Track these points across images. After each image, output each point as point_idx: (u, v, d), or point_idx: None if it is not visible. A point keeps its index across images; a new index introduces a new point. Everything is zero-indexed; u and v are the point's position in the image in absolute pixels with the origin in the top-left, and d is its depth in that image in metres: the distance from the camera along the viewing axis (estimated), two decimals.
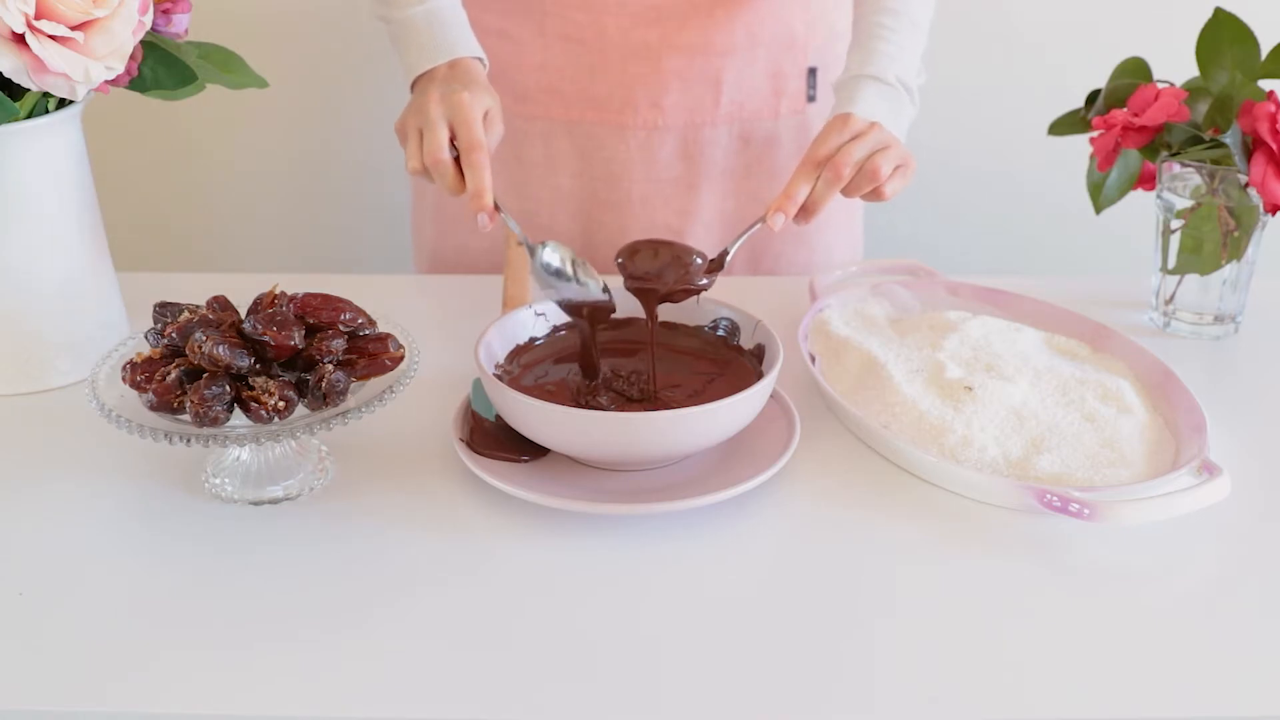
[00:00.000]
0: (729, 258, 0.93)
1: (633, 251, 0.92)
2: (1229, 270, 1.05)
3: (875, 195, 0.97)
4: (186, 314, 0.82)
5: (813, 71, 1.22)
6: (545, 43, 1.18)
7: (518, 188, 1.24)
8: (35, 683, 0.68)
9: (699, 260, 0.91)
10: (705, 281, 0.91)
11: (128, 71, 0.90)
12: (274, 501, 0.83)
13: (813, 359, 0.98)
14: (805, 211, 0.95)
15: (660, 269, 0.91)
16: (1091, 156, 1.08)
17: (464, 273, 1.28)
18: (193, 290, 0.95)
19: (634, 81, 1.18)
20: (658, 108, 1.19)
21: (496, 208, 0.90)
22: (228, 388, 0.78)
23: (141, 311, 0.96)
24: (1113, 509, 0.77)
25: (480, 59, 1.03)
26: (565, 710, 0.67)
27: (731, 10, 1.17)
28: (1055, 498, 0.79)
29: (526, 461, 0.85)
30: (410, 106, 0.98)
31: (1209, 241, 1.04)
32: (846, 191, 0.96)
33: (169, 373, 0.79)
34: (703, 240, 1.24)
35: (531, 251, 0.89)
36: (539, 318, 0.94)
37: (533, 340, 0.94)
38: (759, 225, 0.94)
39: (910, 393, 0.91)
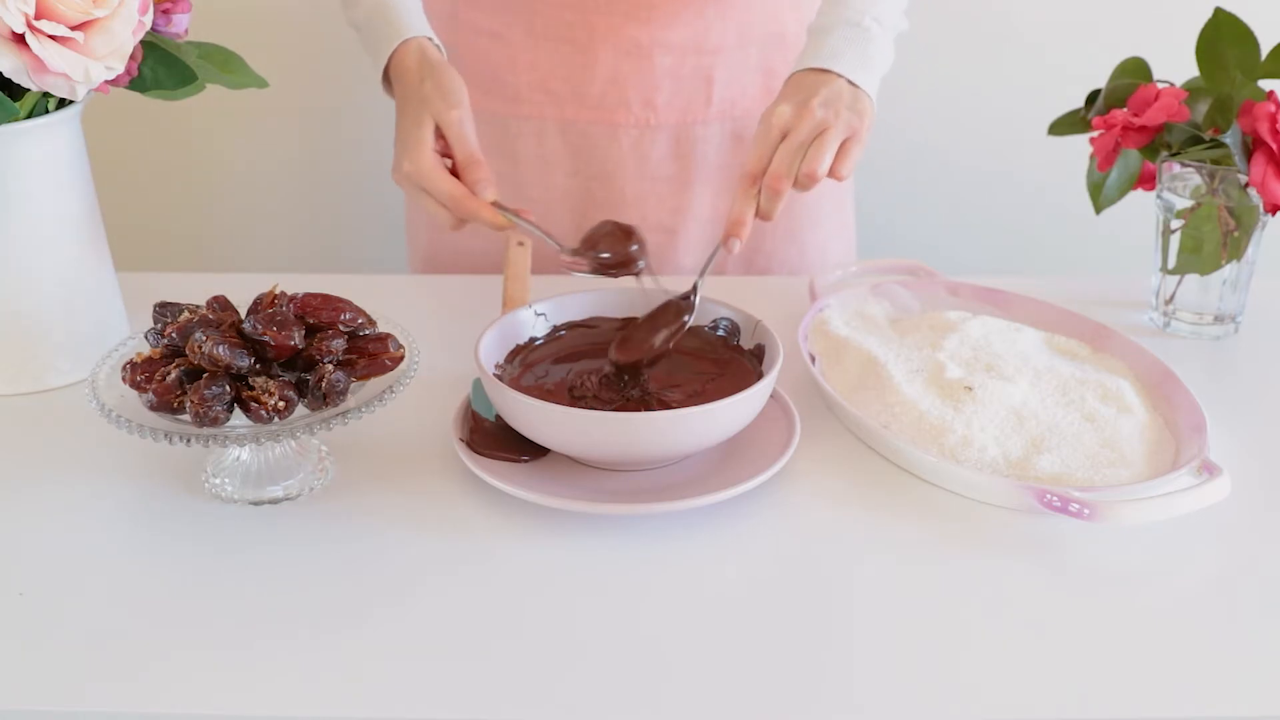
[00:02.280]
0: (696, 297, 0.92)
1: (624, 341, 0.91)
2: (1229, 270, 1.05)
3: (832, 177, 0.93)
4: (186, 314, 0.82)
5: None
6: (536, 42, 1.18)
7: (512, 188, 1.24)
8: (35, 683, 0.68)
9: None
10: (686, 319, 0.91)
11: (128, 71, 0.90)
12: (274, 501, 0.83)
13: (813, 359, 0.98)
14: (761, 218, 0.93)
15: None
16: (1091, 156, 1.08)
17: (460, 273, 1.28)
18: (193, 290, 0.95)
19: (626, 80, 1.18)
20: (650, 106, 1.19)
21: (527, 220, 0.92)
22: (228, 388, 0.78)
23: (141, 311, 0.96)
24: (1113, 509, 0.77)
25: (430, 38, 1.02)
26: (565, 710, 0.67)
27: (722, 9, 1.17)
28: (1055, 498, 0.79)
29: (526, 461, 0.85)
30: (392, 169, 0.97)
31: (1209, 241, 1.04)
32: (798, 188, 0.92)
33: (169, 373, 0.79)
34: (696, 238, 1.24)
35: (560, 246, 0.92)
36: (539, 318, 0.94)
37: (533, 340, 0.94)
38: (719, 251, 0.93)
39: (910, 393, 0.91)
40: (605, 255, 0.90)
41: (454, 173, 0.96)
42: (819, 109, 0.93)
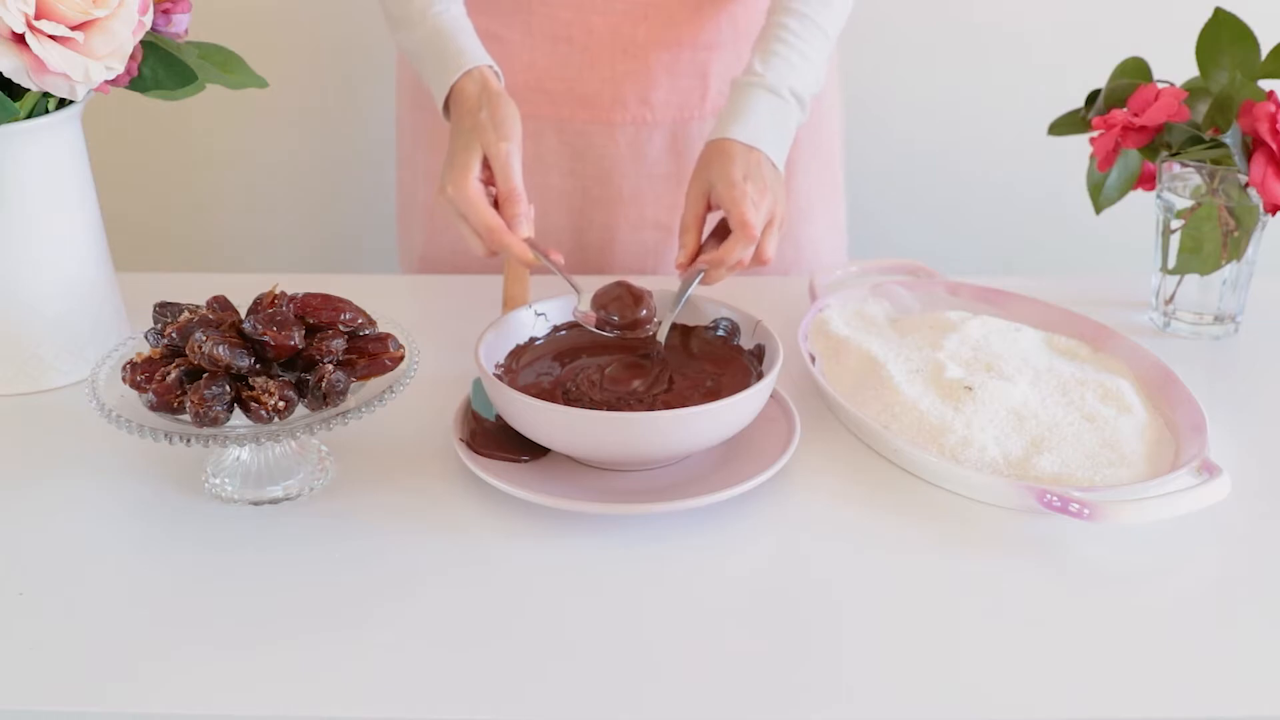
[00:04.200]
0: (665, 329, 0.93)
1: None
2: (1229, 270, 1.05)
3: (762, 261, 0.99)
4: (186, 314, 0.82)
5: None
6: (533, 42, 1.18)
7: None
8: (35, 683, 0.68)
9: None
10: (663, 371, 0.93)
11: (128, 71, 0.90)
12: (274, 501, 0.83)
13: (813, 359, 0.98)
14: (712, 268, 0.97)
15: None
16: (1091, 156, 1.08)
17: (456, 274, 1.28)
18: (193, 290, 0.95)
19: (622, 78, 1.18)
20: (646, 103, 1.19)
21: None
22: (228, 388, 0.78)
23: (141, 311, 0.96)
24: (1113, 509, 0.77)
25: (490, 65, 1.02)
26: (565, 710, 0.67)
27: (717, 4, 1.17)
28: (1055, 498, 0.79)
29: (526, 461, 0.85)
30: (436, 191, 0.98)
31: (1209, 241, 1.04)
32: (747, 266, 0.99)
33: (169, 373, 0.79)
34: None
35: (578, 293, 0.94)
36: (539, 318, 0.94)
37: (533, 340, 0.94)
38: (696, 283, 0.94)
39: (910, 393, 0.91)
40: (615, 318, 0.92)
41: (495, 203, 0.96)
42: (768, 196, 0.98)
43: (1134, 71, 1.10)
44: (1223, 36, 1.04)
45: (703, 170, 1.01)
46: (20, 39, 0.83)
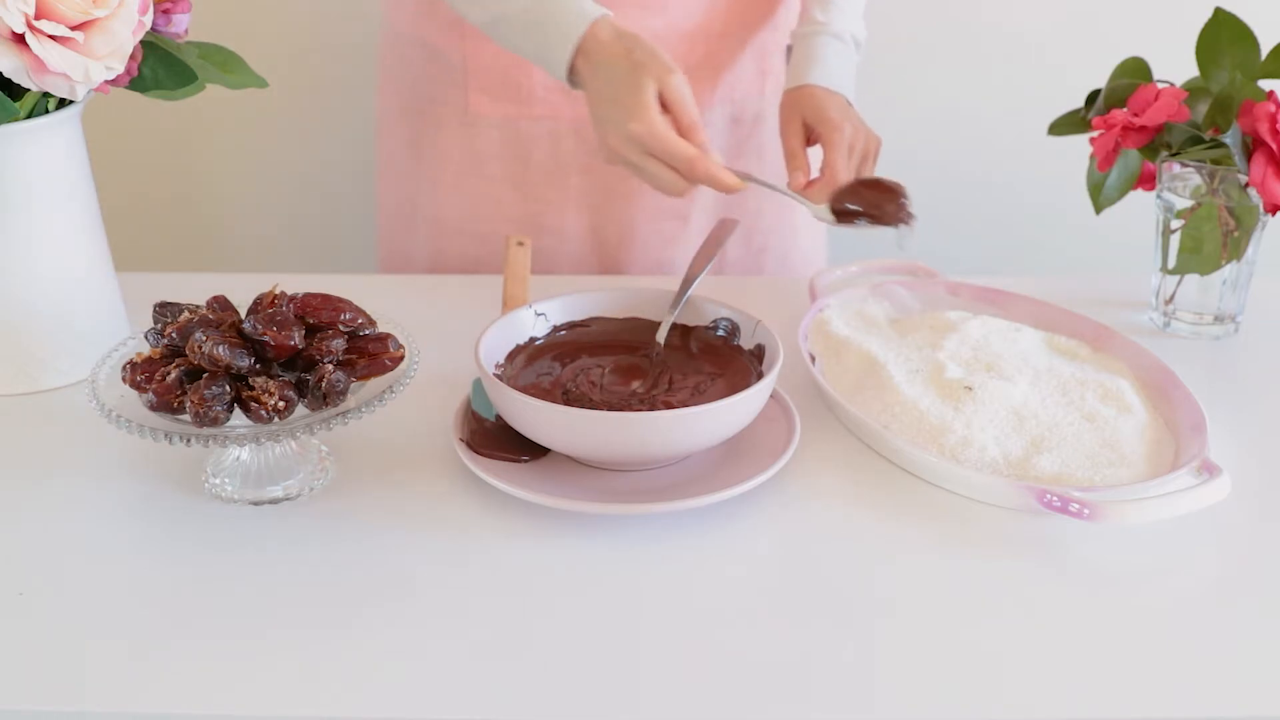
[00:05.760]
0: (665, 329, 0.93)
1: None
2: (1229, 270, 1.05)
3: None
4: (186, 314, 0.82)
5: (791, 49, 1.24)
6: None
7: (525, 189, 1.24)
8: (35, 683, 0.68)
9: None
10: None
11: (128, 71, 0.90)
12: (274, 501, 0.83)
13: (813, 359, 0.98)
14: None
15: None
16: (1091, 156, 1.08)
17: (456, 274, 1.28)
18: (193, 290, 0.95)
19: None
20: None
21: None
22: (228, 388, 0.78)
23: (141, 311, 0.96)
24: (1113, 509, 0.77)
25: (606, 15, 1.00)
26: (564, 709, 0.67)
27: None
28: (1055, 498, 0.79)
29: (526, 461, 0.85)
30: (609, 137, 0.96)
31: (1209, 241, 1.04)
32: None
33: (169, 373, 0.79)
34: (700, 222, 1.25)
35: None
36: (539, 318, 0.94)
37: (533, 340, 0.94)
38: (696, 283, 0.95)
39: (910, 393, 0.91)
40: (858, 208, 0.98)
41: None
42: (862, 131, 1.08)
43: (1134, 71, 1.10)
44: (1223, 36, 1.04)
45: (793, 112, 1.08)
46: (20, 39, 0.83)
